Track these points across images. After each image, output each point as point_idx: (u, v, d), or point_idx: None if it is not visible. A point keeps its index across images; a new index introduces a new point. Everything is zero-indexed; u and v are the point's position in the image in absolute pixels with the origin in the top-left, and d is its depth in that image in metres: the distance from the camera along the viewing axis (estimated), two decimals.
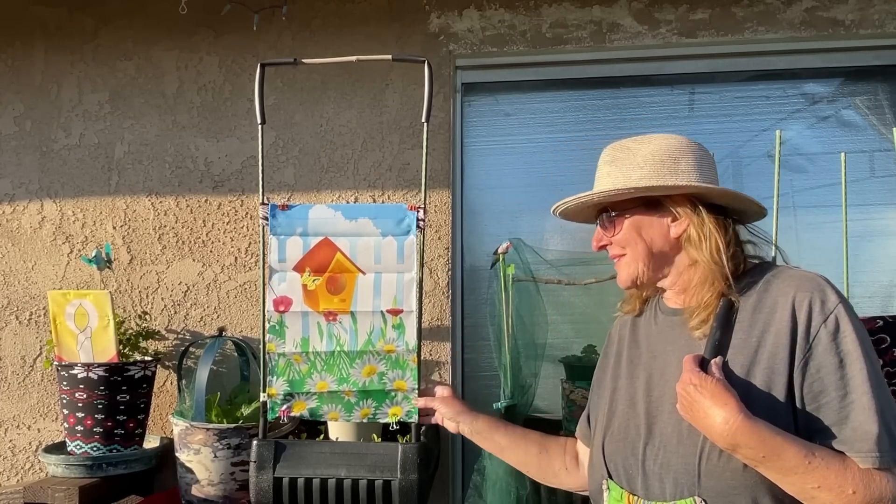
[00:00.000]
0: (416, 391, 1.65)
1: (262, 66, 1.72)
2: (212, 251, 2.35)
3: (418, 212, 1.66)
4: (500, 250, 2.07)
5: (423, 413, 1.64)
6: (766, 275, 1.19)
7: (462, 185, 2.40)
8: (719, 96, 2.37)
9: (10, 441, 2.36)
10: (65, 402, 2.01)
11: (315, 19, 2.38)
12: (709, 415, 1.03)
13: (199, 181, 2.38)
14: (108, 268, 2.25)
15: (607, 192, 1.25)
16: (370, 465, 1.63)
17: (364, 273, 1.66)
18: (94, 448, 2.00)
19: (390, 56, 1.74)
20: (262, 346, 1.68)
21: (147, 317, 2.32)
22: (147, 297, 2.36)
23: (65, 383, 1.99)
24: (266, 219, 1.67)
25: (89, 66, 2.45)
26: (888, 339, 1.64)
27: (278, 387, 1.64)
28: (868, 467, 1.00)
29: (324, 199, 2.31)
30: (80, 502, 1.87)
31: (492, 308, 2.12)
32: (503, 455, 1.53)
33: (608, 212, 1.29)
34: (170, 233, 2.37)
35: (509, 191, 2.42)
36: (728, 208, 1.26)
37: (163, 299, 2.35)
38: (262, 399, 1.65)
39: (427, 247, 2.25)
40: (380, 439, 1.86)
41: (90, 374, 1.97)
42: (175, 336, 2.34)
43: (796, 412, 1.07)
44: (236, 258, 2.34)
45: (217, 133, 2.39)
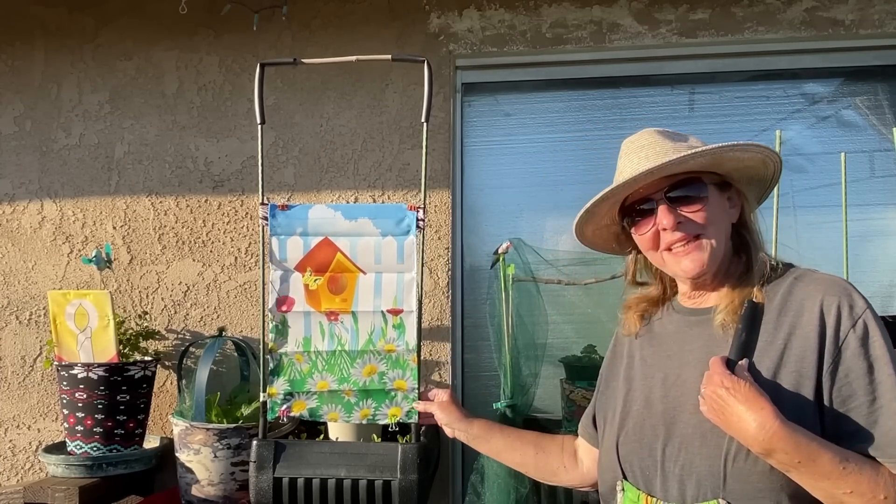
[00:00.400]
0: (416, 391, 1.65)
1: (262, 66, 1.72)
2: (212, 251, 2.35)
3: (418, 212, 1.66)
4: (500, 250, 2.07)
5: (424, 415, 1.64)
6: (789, 277, 1.17)
7: (462, 185, 2.40)
8: (719, 96, 2.37)
9: (10, 441, 2.36)
10: (65, 402, 2.01)
11: (315, 19, 2.38)
12: (743, 419, 1.00)
13: (199, 181, 2.38)
14: (108, 268, 2.26)
15: (728, 146, 1.12)
16: (370, 465, 1.63)
17: (364, 273, 1.66)
18: (94, 448, 2.00)
19: (390, 56, 1.74)
20: (262, 346, 1.68)
21: (147, 317, 2.32)
22: (147, 297, 2.36)
23: (65, 383, 1.99)
24: (266, 219, 1.67)
25: (89, 66, 2.45)
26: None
27: (279, 386, 1.64)
28: None
29: (324, 199, 2.31)
30: (80, 502, 1.87)
31: (492, 308, 2.12)
32: (500, 458, 1.53)
33: (682, 186, 1.16)
34: (170, 233, 2.37)
35: (509, 191, 2.42)
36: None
37: (163, 299, 2.35)
38: (262, 399, 1.65)
39: (427, 247, 2.25)
40: (380, 439, 1.86)
41: (90, 374, 1.97)
42: (175, 336, 2.34)
43: (823, 416, 1.05)
44: (236, 258, 2.34)
45: (217, 133, 2.39)
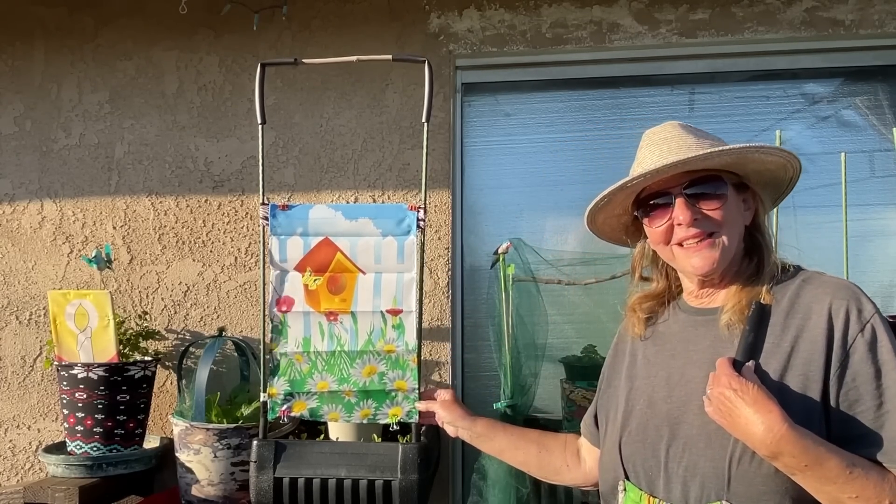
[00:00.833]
0: (417, 391, 1.64)
1: (263, 66, 1.72)
2: (212, 251, 2.35)
3: (418, 212, 1.66)
4: (500, 250, 2.07)
5: (425, 415, 1.63)
6: (797, 279, 1.16)
7: (462, 185, 2.40)
8: (719, 96, 2.37)
9: (10, 441, 2.36)
10: (65, 402, 2.01)
11: (315, 19, 2.38)
12: (750, 421, 0.99)
13: (199, 181, 2.38)
14: (108, 268, 2.25)
15: (754, 147, 1.13)
16: (370, 465, 1.63)
17: (364, 273, 1.66)
18: (94, 448, 1.99)
19: (390, 56, 1.74)
20: (262, 346, 1.68)
21: (147, 317, 2.31)
22: (147, 297, 2.36)
23: (65, 383, 1.99)
24: (266, 219, 1.67)
25: (89, 66, 2.45)
26: None
27: (279, 386, 1.64)
28: None
29: (324, 199, 2.31)
30: (80, 502, 1.87)
31: (492, 308, 2.12)
32: (503, 457, 1.52)
33: (702, 183, 1.17)
34: (170, 233, 2.37)
35: (509, 191, 2.42)
36: None
37: (163, 299, 2.35)
38: (262, 399, 1.65)
39: (427, 247, 2.25)
40: (380, 439, 1.86)
41: (90, 374, 1.96)
42: (175, 336, 2.34)
43: (829, 420, 1.05)
44: (236, 258, 2.34)
45: (217, 133, 2.39)
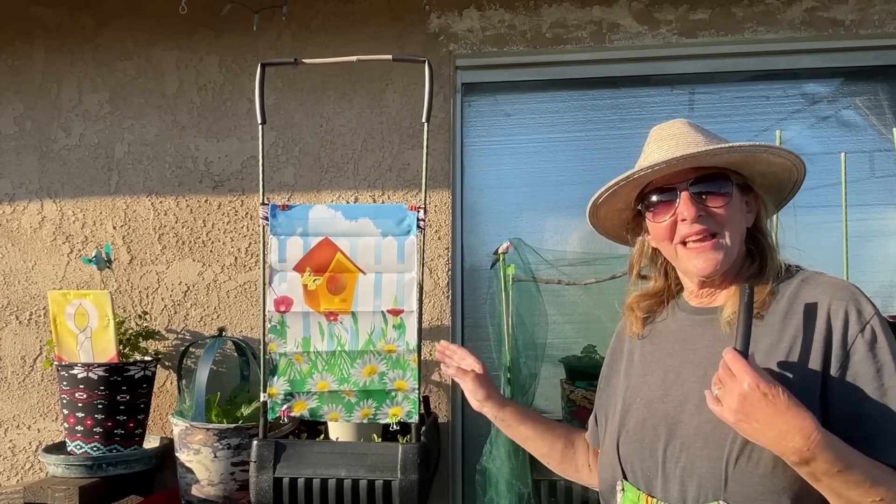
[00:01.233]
0: (417, 391, 1.65)
1: (263, 66, 1.72)
2: (212, 251, 2.35)
3: (418, 212, 1.66)
4: (500, 250, 2.07)
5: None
6: (796, 279, 1.15)
7: (462, 185, 2.40)
8: (719, 96, 2.37)
9: (10, 441, 2.36)
10: (65, 402, 2.01)
11: (315, 19, 2.38)
12: (787, 428, 0.96)
13: (199, 181, 2.38)
14: (108, 268, 2.25)
15: (764, 146, 1.13)
16: (370, 465, 1.63)
17: (364, 273, 1.66)
18: (94, 448, 2.00)
19: (390, 56, 1.75)
20: (262, 346, 1.68)
21: (147, 317, 2.32)
22: (147, 297, 2.36)
23: (65, 383, 1.99)
24: (266, 219, 1.67)
25: (89, 66, 2.45)
26: None
27: (279, 386, 1.64)
28: None
29: (324, 199, 2.31)
30: (80, 502, 1.87)
31: (492, 308, 2.12)
32: (525, 445, 1.47)
33: (708, 180, 1.16)
34: (170, 233, 2.37)
35: (509, 191, 2.42)
36: None
37: (163, 299, 2.35)
38: (262, 399, 1.65)
39: (427, 247, 2.25)
40: (380, 439, 1.86)
41: (90, 374, 1.96)
42: (175, 336, 2.34)
43: (829, 421, 1.04)
44: (236, 258, 2.34)
45: (217, 133, 2.39)
